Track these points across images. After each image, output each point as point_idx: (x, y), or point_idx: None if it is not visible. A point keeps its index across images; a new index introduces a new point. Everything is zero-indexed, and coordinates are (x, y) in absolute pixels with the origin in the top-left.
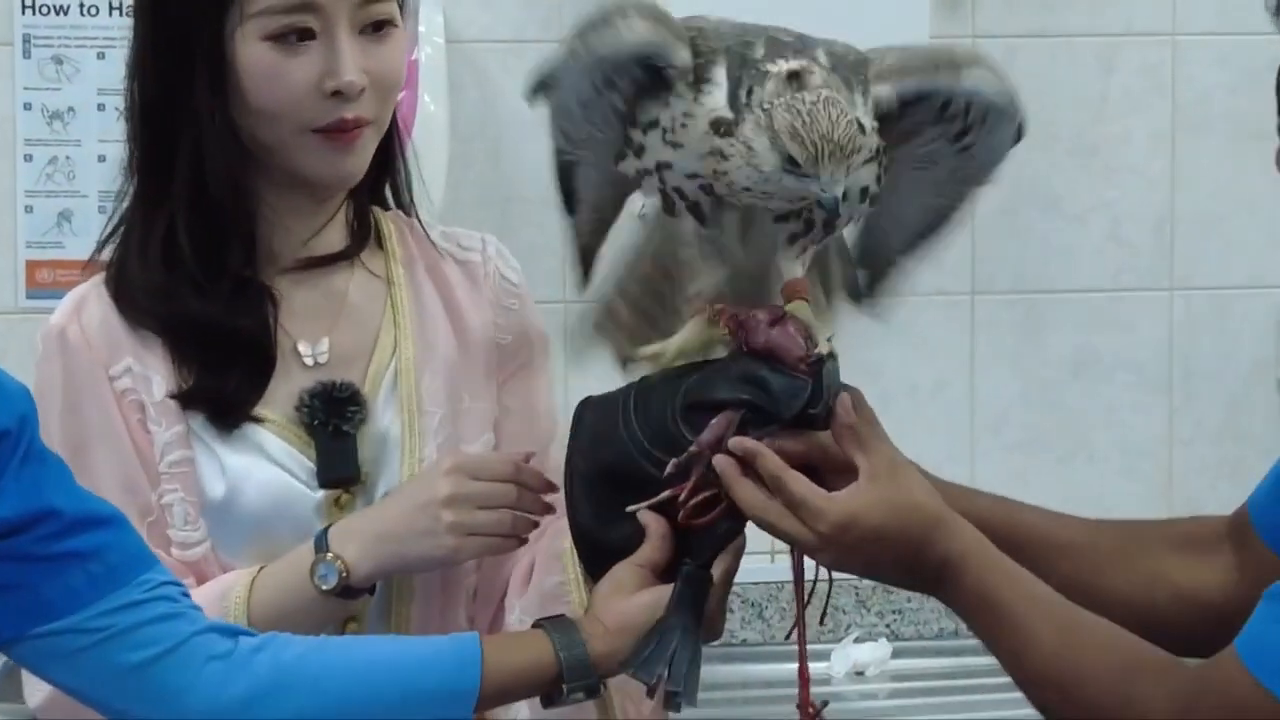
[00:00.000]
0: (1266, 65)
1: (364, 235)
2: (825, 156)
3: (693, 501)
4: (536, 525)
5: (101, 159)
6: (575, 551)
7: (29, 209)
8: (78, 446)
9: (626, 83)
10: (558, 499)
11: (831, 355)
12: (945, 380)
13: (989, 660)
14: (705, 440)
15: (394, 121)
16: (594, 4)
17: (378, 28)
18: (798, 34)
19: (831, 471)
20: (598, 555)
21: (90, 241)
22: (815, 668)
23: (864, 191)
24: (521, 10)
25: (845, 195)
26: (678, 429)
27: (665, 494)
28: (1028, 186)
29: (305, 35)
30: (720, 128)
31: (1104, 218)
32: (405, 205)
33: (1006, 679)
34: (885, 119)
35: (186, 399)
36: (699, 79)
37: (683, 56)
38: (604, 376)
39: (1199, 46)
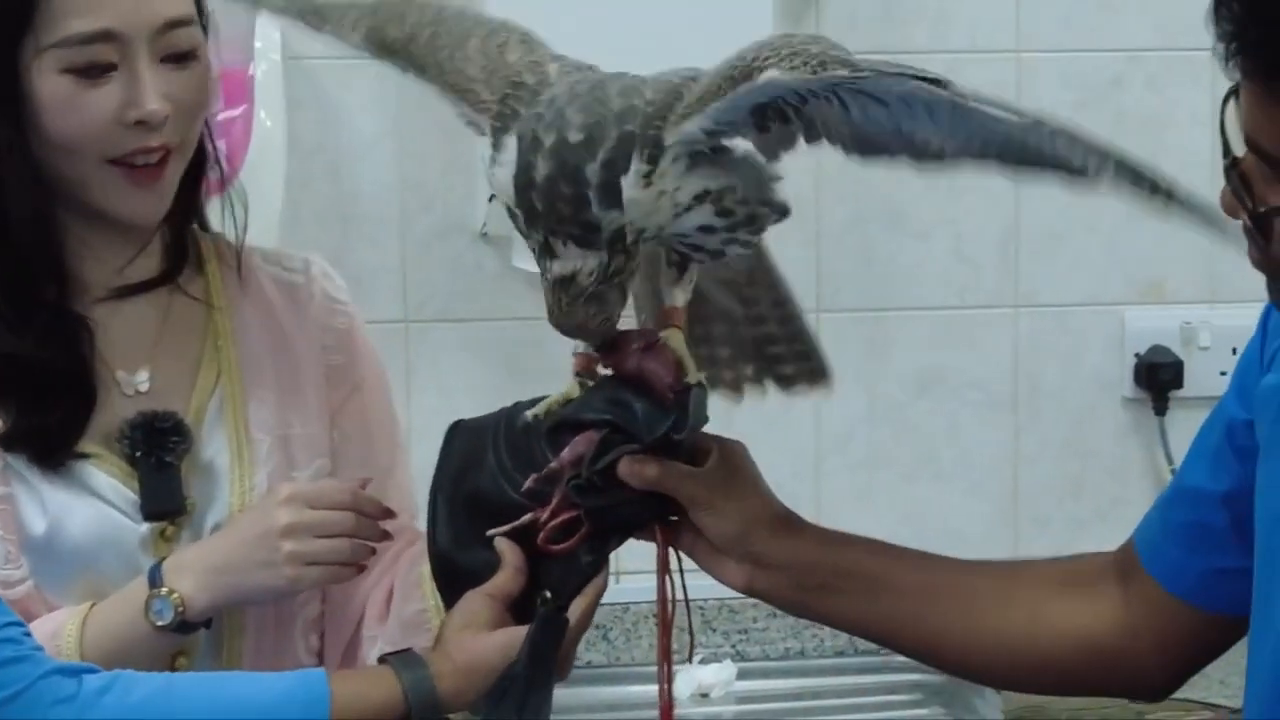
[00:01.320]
0: (1108, 82)
1: (180, 259)
2: (575, 336)
3: (552, 524)
4: (374, 552)
5: None
6: (433, 578)
7: None
8: None
9: None
10: (396, 525)
11: (700, 385)
12: (790, 398)
13: (835, 680)
14: (565, 459)
15: (206, 141)
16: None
17: (180, 57)
18: (596, 118)
19: (689, 504)
20: (454, 582)
21: None
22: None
23: (704, 228)
24: None
25: (683, 238)
26: (541, 450)
27: (525, 518)
28: (872, 204)
29: (106, 67)
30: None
31: (949, 235)
32: (206, 225)
33: (852, 700)
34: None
35: (7, 440)
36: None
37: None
38: (444, 393)
39: (1042, 63)
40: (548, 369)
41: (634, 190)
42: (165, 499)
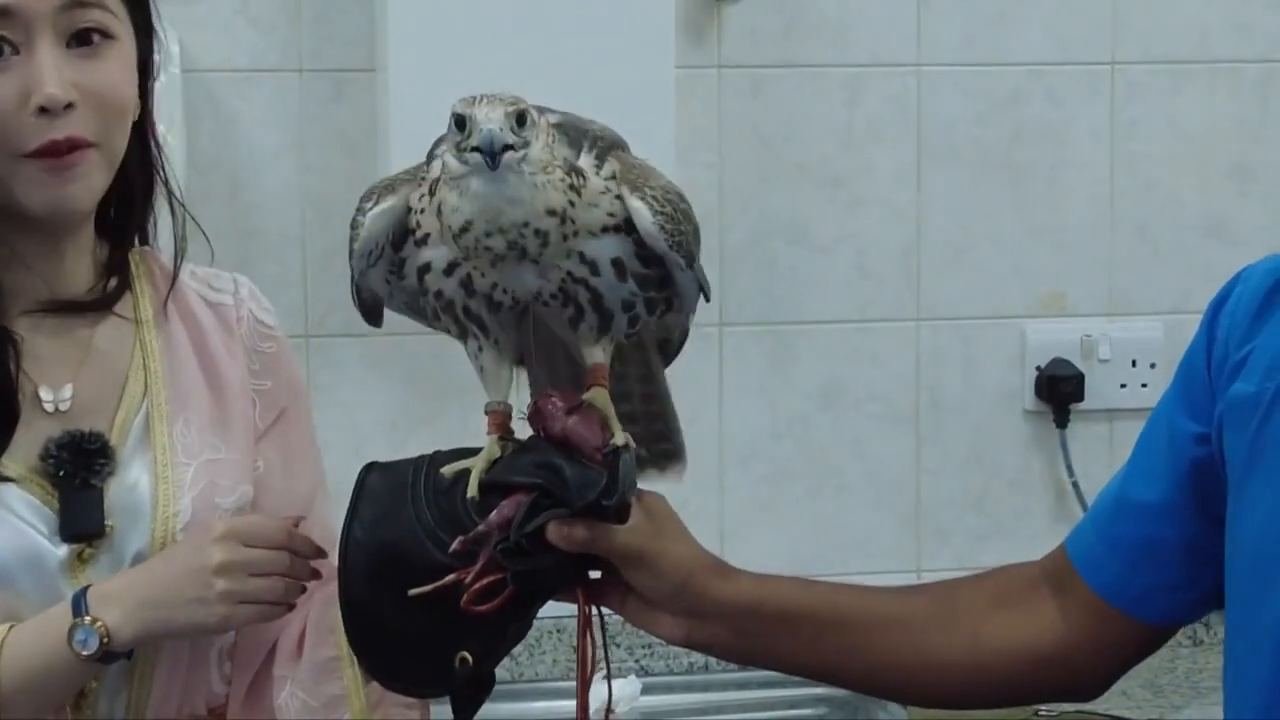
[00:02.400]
0: (1008, 96)
1: (121, 283)
2: (480, 101)
3: (478, 586)
4: (305, 590)
5: None
6: (344, 628)
7: None
8: None
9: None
10: (325, 563)
11: (627, 447)
12: (694, 413)
13: (738, 694)
14: (494, 521)
15: (147, 152)
16: (328, 42)
17: (84, 39)
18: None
19: (621, 563)
20: (367, 633)
21: None
22: (565, 705)
23: (619, 266)
24: (260, 39)
25: (595, 265)
26: (466, 511)
27: (449, 577)
28: (774, 218)
29: (5, 49)
30: (432, 189)
31: (850, 249)
32: (148, 239)
33: (756, 714)
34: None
35: None
36: (429, 160)
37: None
38: (345, 409)
39: (943, 77)
40: (448, 385)
41: (589, 169)
42: (85, 521)
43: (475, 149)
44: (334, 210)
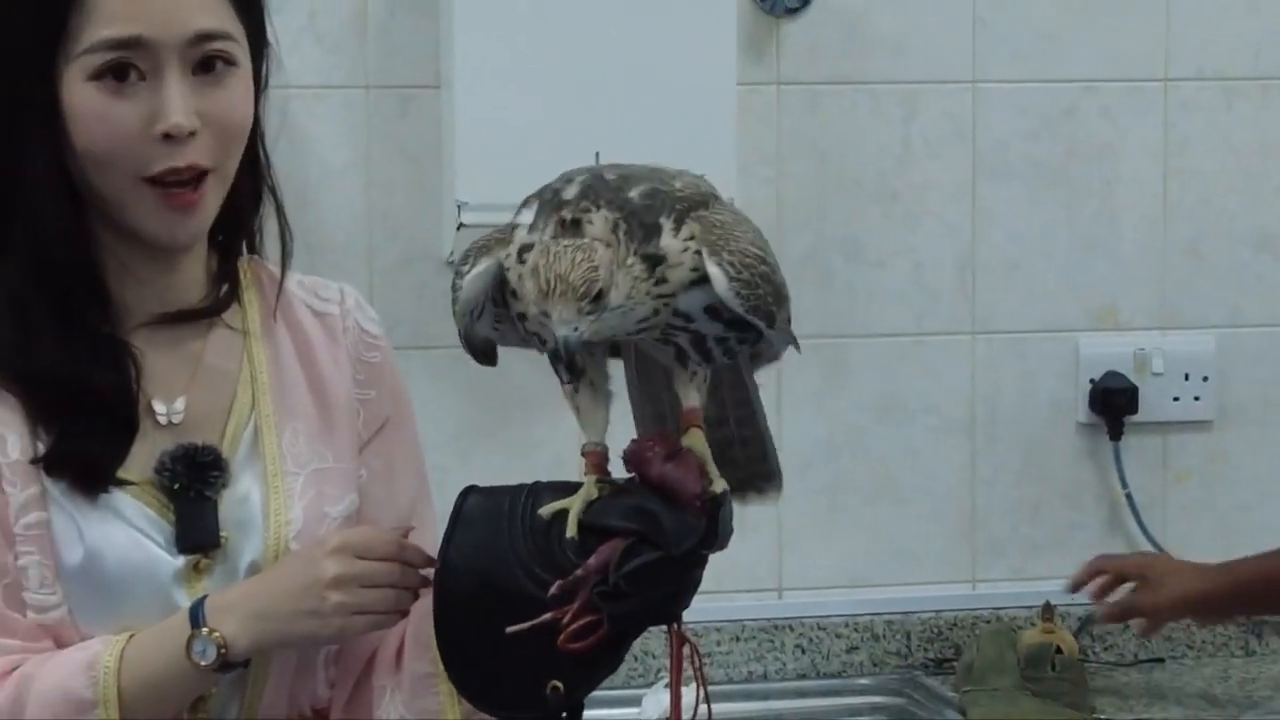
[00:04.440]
0: (1062, 112)
1: (231, 292)
2: (555, 294)
3: (575, 626)
4: (416, 598)
5: None
6: (438, 648)
7: None
8: None
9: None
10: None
11: (726, 494)
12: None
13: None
14: (592, 566)
15: (256, 164)
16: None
17: (209, 66)
18: (625, 173)
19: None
20: (459, 653)
21: None
22: (626, 713)
23: (713, 311)
24: (327, 56)
25: (689, 316)
26: (563, 550)
27: (546, 616)
28: (832, 232)
29: (132, 74)
30: (521, 254)
31: (906, 263)
32: (256, 249)
33: None
34: None
35: (48, 464)
36: (515, 222)
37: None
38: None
39: (998, 94)
40: (511, 398)
41: (669, 233)
42: (201, 532)
43: (555, 352)
44: (400, 224)
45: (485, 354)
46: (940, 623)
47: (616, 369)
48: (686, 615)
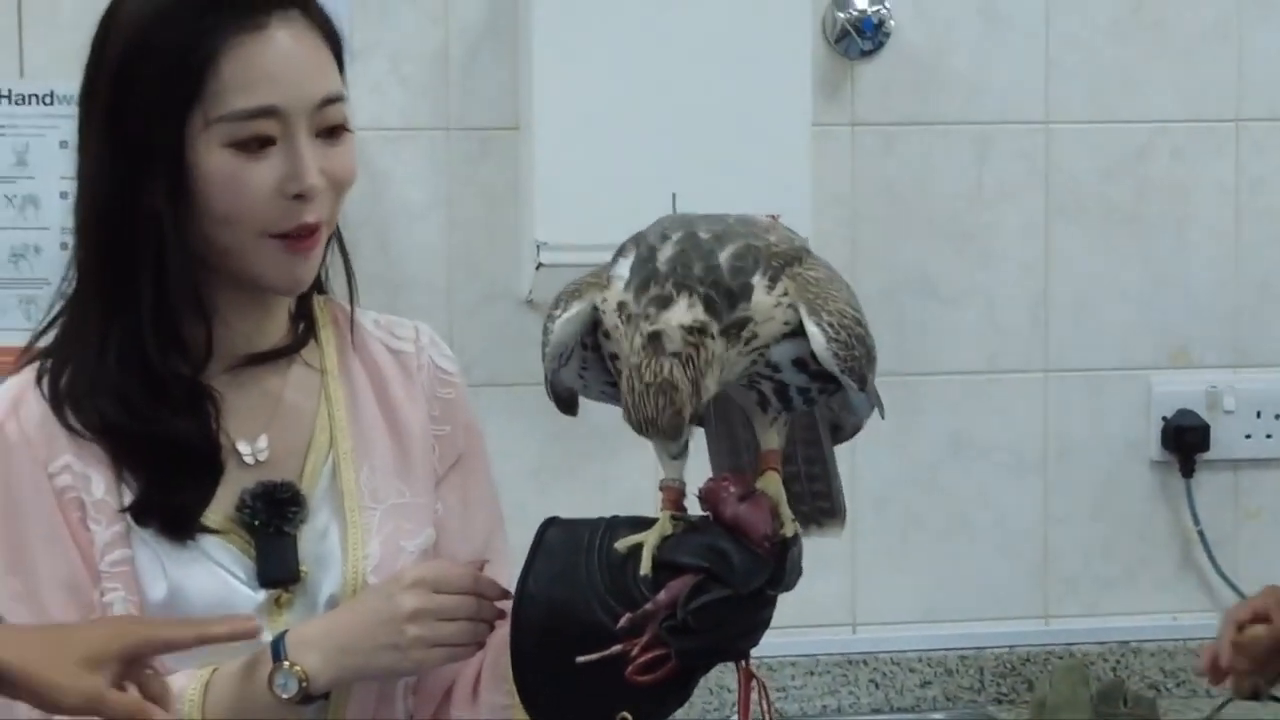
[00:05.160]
0: (1135, 153)
1: (309, 329)
2: (647, 433)
3: (643, 659)
4: (492, 629)
5: None
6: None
7: None
8: (18, 545)
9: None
10: (504, 604)
11: (796, 538)
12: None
13: None
14: (662, 601)
15: None
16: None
17: (333, 131)
18: (719, 229)
19: None
20: (534, 682)
21: None
22: None
23: (800, 363)
24: (409, 99)
25: (777, 366)
26: (636, 584)
27: (616, 648)
28: (905, 271)
29: (266, 141)
30: (620, 310)
31: (980, 302)
32: (324, 288)
33: None
34: None
35: (136, 513)
36: (610, 273)
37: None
38: (491, 457)
39: (1071, 134)
40: (590, 435)
41: (761, 290)
42: (281, 567)
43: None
44: (479, 264)
45: (567, 403)
46: (1013, 658)
47: None
48: (761, 649)
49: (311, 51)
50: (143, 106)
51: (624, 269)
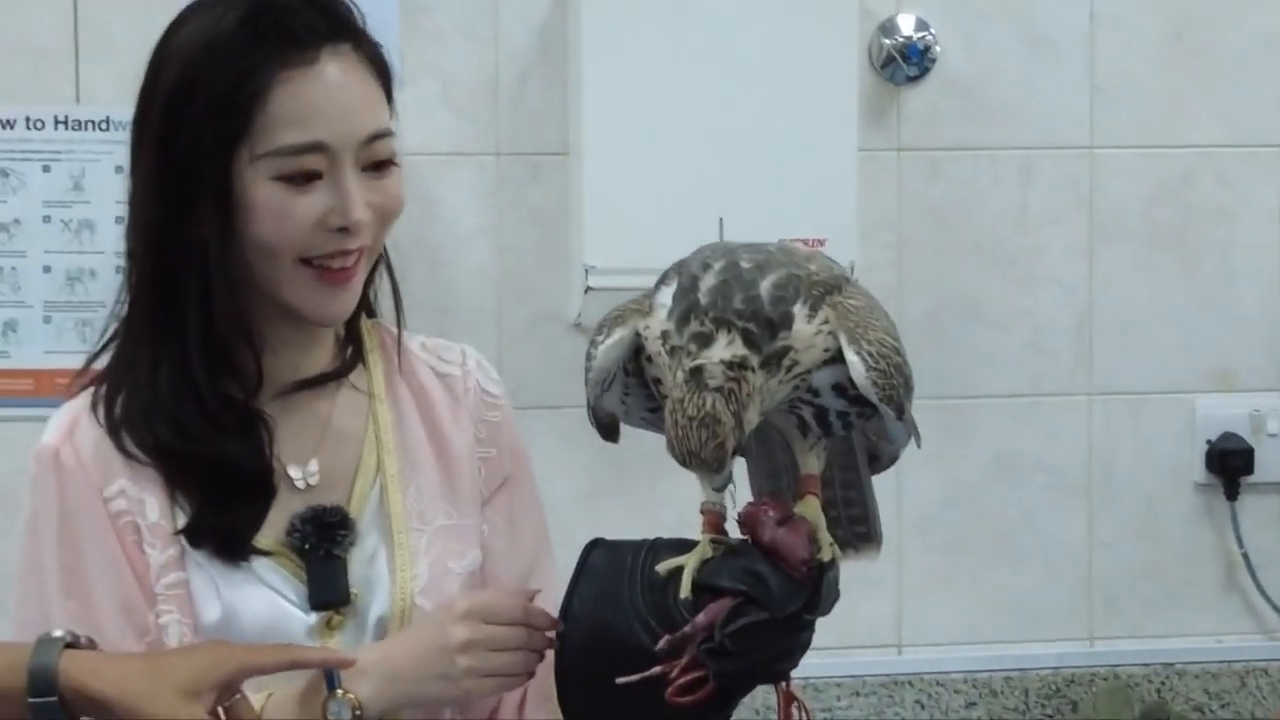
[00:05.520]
0: (1179, 177)
1: (356, 354)
2: (692, 466)
3: (682, 680)
4: (543, 659)
5: (47, 270)
6: (557, 693)
7: None
8: (74, 568)
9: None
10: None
11: (834, 564)
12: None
13: None
14: (700, 623)
15: None
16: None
17: (380, 165)
18: (761, 258)
19: None
20: (579, 703)
21: (36, 352)
22: None
23: (839, 388)
24: (459, 124)
25: (817, 391)
26: (677, 606)
27: (656, 670)
28: (951, 295)
29: (313, 176)
30: (664, 339)
31: (1024, 325)
32: (374, 312)
33: None
34: None
35: (190, 535)
36: (652, 296)
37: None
38: (540, 480)
39: (1115, 159)
40: (639, 458)
41: (801, 319)
42: (331, 590)
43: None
44: (528, 288)
45: (609, 430)
46: (1058, 679)
47: None
48: (808, 670)
49: (360, 86)
50: (192, 137)
51: (666, 297)
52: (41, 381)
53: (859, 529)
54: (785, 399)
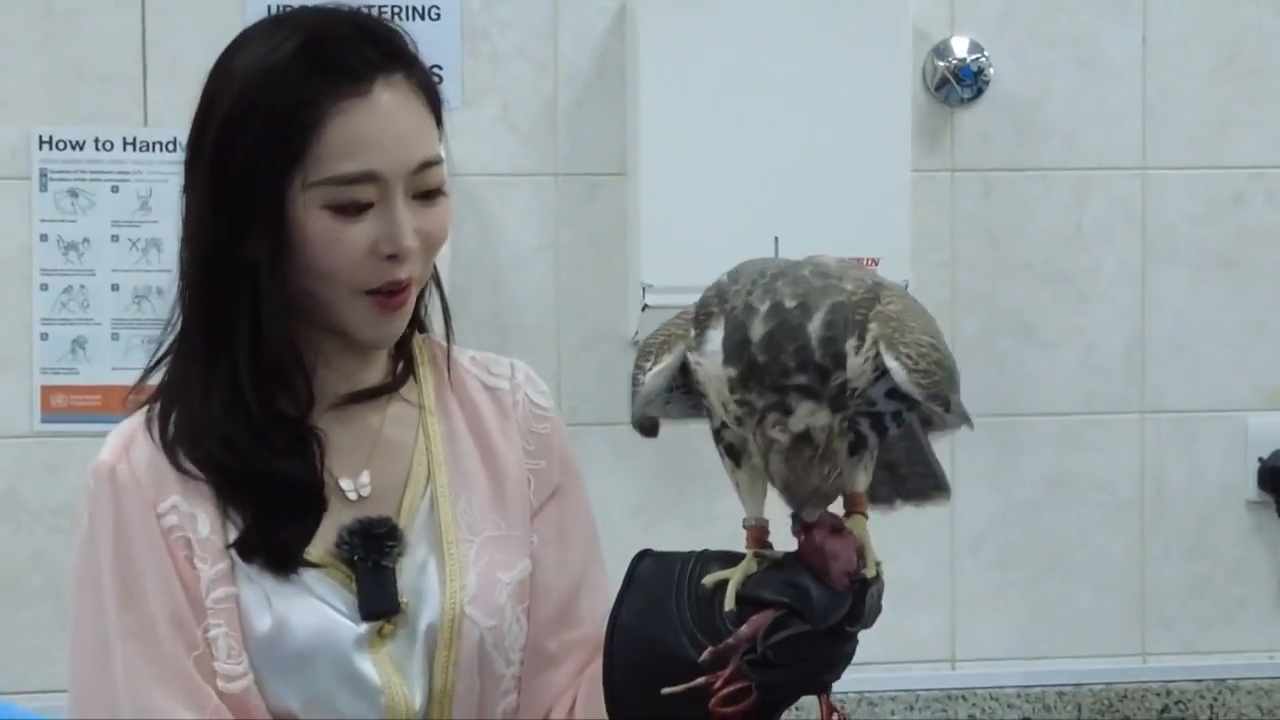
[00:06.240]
0: (1231, 198)
1: (407, 369)
2: (809, 501)
3: (725, 691)
4: None
5: (115, 288)
6: (605, 703)
7: (44, 336)
8: (130, 583)
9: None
10: (587, 633)
11: (877, 579)
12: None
13: None
14: (743, 634)
15: None
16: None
17: (429, 194)
18: (801, 291)
19: None
20: (623, 709)
21: (104, 368)
22: None
23: (893, 392)
24: (518, 146)
25: (874, 401)
26: (722, 619)
27: (699, 680)
28: (1004, 314)
29: (365, 205)
30: (732, 392)
31: (1077, 344)
32: (425, 328)
33: None
34: None
35: (241, 549)
36: (702, 330)
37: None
38: (597, 495)
39: (1167, 180)
40: (694, 472)
41: (851, 354)
42: (381, 600)
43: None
44: (587, 306)
45: (648, 430)
46: (1110, 695)
47: None
48: (863, 684)
49: (412, 115)
50: (246, 162)
51: (716, 342)
52: (109, 398)
53: (927, 481)
54: (850, 415)
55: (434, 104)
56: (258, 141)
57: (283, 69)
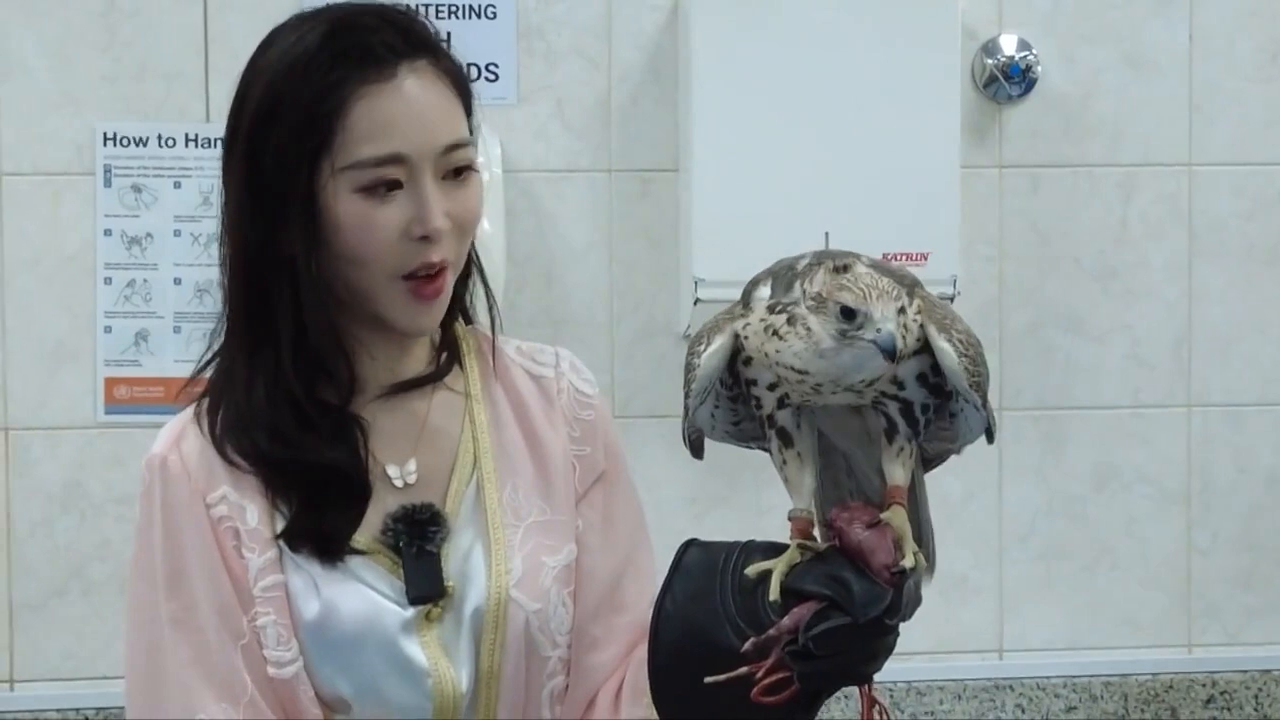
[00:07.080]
0: (1277, 194)
1: (451, 358)
2: (874, 297)
3: (767, 681)
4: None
5: (177, 282)
6: (649, 689)
7: (108, 329)
8: (178, 571)
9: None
10: (634, 619)
11: (916, 570)
12: (974, 491)
13: None
14: (785, 626)
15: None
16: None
17: (459, 173)
18: (846, 251)
19: None
20: (670, 699)
21: (166, 360)
22: None
23: (922, 378)
24: (572, 142)
25: (902, 383)
26: (765, 609)
27: (742, 670)
28: (1051, 308)
29: (393, 186)
30: (774, 308)
31: (1124, 338)
32: (470, 319)
33: None
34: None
35: (289, 538)
36: (748, 297)
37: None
38: (649, 487)
39: (1214, 176)
40: (744, 465)
41: (906, 310)
42: (427, 584)
43: (873, 343)
44: (639, 300)
45: (696, 447)
46: (1157, 685)
47: None
48: (911, 674)
49: (437, 99)
50: (277, 154)
51: (764, 291)
52: (171, 389)
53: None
54: (875, 380)
55: (461, 90)
56: (287, 132)
57: (308, 59)
